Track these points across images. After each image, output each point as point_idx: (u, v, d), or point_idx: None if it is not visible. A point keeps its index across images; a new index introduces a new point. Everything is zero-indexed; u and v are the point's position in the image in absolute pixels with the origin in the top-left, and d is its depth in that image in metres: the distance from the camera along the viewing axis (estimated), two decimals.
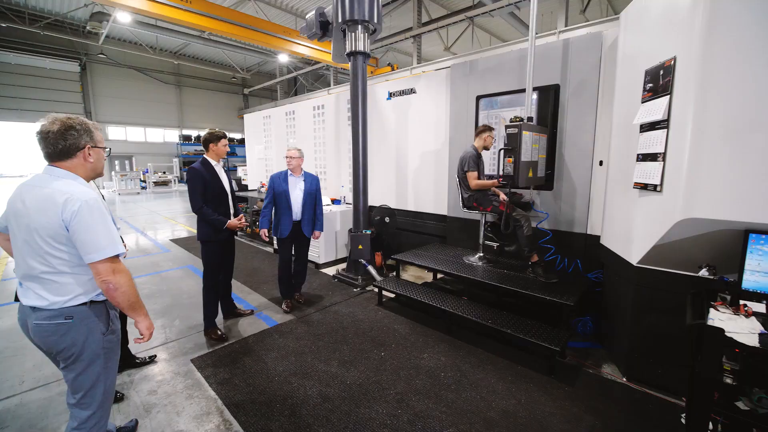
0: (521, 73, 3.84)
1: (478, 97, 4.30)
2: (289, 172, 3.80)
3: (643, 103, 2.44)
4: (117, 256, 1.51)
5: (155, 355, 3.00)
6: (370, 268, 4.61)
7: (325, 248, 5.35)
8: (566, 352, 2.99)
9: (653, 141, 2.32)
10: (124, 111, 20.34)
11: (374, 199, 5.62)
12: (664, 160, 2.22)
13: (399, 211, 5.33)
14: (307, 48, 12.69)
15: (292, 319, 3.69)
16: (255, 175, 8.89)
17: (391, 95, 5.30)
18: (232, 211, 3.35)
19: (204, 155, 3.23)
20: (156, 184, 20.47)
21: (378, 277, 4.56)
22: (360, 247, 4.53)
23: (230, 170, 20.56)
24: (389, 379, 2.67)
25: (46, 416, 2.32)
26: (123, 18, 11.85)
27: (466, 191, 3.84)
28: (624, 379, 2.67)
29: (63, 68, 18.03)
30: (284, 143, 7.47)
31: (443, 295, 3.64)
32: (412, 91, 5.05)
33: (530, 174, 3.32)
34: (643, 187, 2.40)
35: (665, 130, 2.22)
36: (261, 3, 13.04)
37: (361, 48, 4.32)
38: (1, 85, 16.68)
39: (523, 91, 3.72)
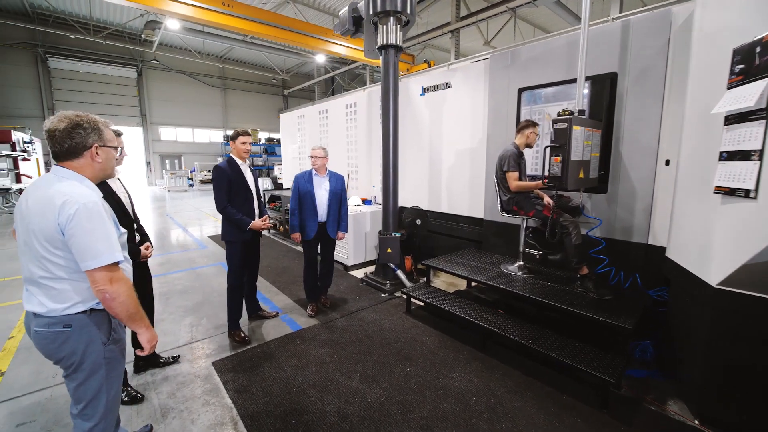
0: (570, 62, 3.43)
1: (521, 90, 3.92)
2: (314, 172, 3.67)
3: (729, 89, 2.00)
4: (116, 263, 1.41)
5: (179, 356, 2.98)
6: (400, 273, 4.38)
7: (354, 250, 5.20)
8: (622, 381, 2.58)
9: (744, 136, 1.89)
10: (175, 113, 21.67)
11: (405, 199, 5.38)
12: (760, 158, 1.79)
13: (431, 212, 5.05)
14: (343, 47, 12.70)
15: (316, 324, 3.56)
16: (290, 173, 8.98)
17: (424, 90, 5.03)
18: (257, 211, 3.28)
19: (230, 153, 3.18)
20: (202, 182, 21.59)
21: (407, 283, 4.33)
22: (389, 250, 4.32)
23: (262, 169, 21.30)
24: (414, 400, 2.44)
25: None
26: (173, 25, 12.53)
27: (505, 193, 3.49)
28: (696, 422, 2.23)
29: (122, 74, 19.53)
30: (317, 142, 7.45)
31: (477, 307, 3.34)
32: (447, 85, 4.74)
33: (581, 175, 2.92)
34: (729, 192, 1.96)
35: (763, 121, 1.78)
36: (299, 5, 13.24)
37: (392, 41, 4.10)
38: (71, 92, 18.36)
39: (572, 81, 3.31)
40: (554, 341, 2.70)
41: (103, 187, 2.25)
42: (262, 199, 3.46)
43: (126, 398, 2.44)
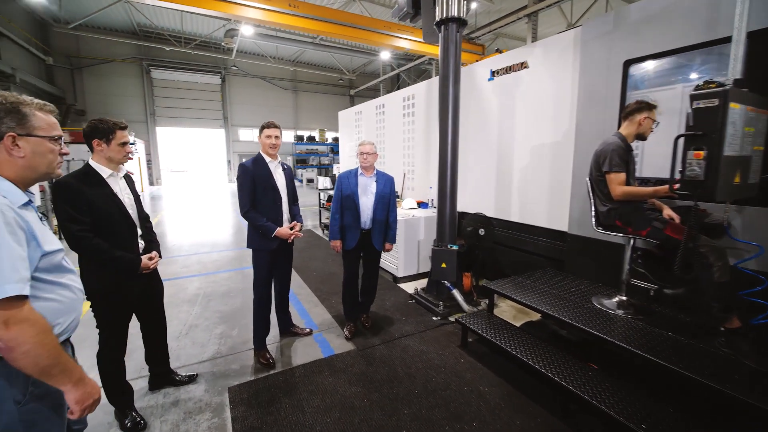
0: (712, 16, 2.38)
1: (628, 63, 2.92)
2: (360, 172, 3.14)
3: None
4: (19, 298, 1.00)
5: (196, 375, 2.68)
6: (456, 294, 3.65)
7: (405, 259, 4.58)
8: None
9: None
10: (252, 115, 23.26)
11: (466, 205, 4.61)
12: None
13: (498, 221, 4.21)
14: (407, 41, 12.14)
15: (352, 350, 3.03)
16: None
17: (493, 74, 4.20)
18: (286, 216, 2.85)
19: (260, 151, 2.79)
20: None
21: (465, 307, 3.59)
22: (443, 265, 3.62)
23: (328, 168, 21.68)
24: None
25: None
26: (247, 31, 13.21)
27: (604, 201, 2.57)
28: None
29: (209, 81, 21.48)
30: (375, 139, 6.98)
31: (557, 354, 2.49)
32: (522, 66, 3.86)
33: (737, 179, 1.92)
34: None
35: None
36: (365, 2, 13.03)
37: (453, 12, 3.39)
38: (168, 98, 20.73)
39: (716, 43, 2.28)
40: (684, 429, 1.78)
41: (102, 187, 1.97)
42: (297, 203, 3.04)
43: (128, 423, 2.16)
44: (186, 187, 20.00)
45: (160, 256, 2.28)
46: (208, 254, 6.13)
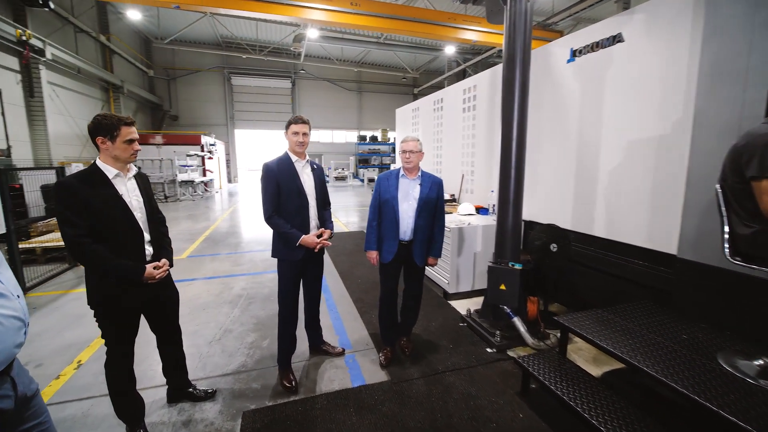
0: None
1: None
2: (402, 173, 2.69)
3: None
4: None
5: (215, 391, 2.48)
6: (517, 322, 3.00)
7: (458, 273, 4.01)
8: None
9: None
10: (318, 117, 24.13)
11: (535, 213, 3.88)
12: None
13: (576, 235, 3.41)
14: (473, 32, 11.32)
15: (385, 382, 2.59)
16: None
17: (574, 54, 3.41)
18: (314, 222, 2.52)
19: (287, 150, 2.50)
20: (336, 179, 23.49)
21: (529, 340, 2.93)
22: (502, 287, 2.99)
23: (388, 168, 21.48)
24: None
25: None
26: (312, 34, 13.56)
27: (747, 220, 1.75)
28: None
29: (280, 86, 22.78)
30: (431, 136, 6.45)
31: (655, 429, 1.76)
32: (615, 39, 3.04)
33: None
34: None
35: None
36: None
37: None
38: (245, 103, 22.44)
39: None
40: None
41: (106, 189, 1.81)
42: (328, 207, 2.70)
43: None
44: (258, 184, 21.41)
45: (171, 264, 2.08)
46: (260, 252, 6.19)
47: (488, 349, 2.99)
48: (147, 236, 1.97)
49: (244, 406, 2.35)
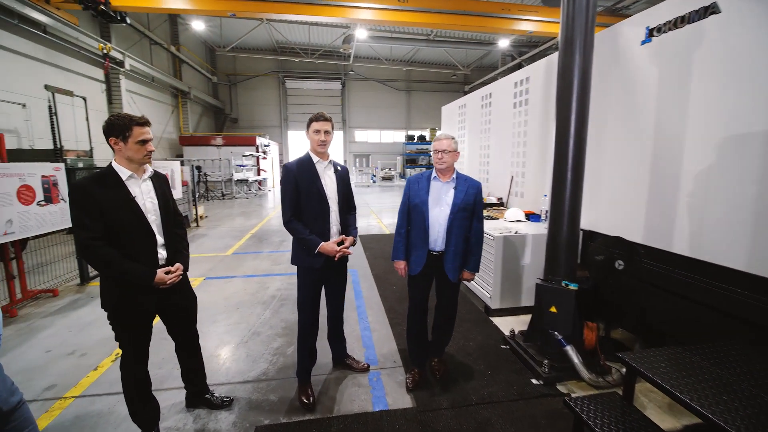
0: None
1: None
2: (434, 175, 2.39)
3: None
4: None
5: (232, 400, 2.39)
6: (571, 352, 2.55)
7: (502, 286, 3.59)
8: None
9: None
10: (366, 117, 24.36)
11: (598, 221, 3.33)
12: None
13: (649, 250, 2.83)
14: (529, 22, 10.52)
15: (409, 409, 2.31)
16: None
17: (651, 33, 2.83)
18: (335, 228, 2.32)
19: (308, 150, 2.33)
20: (383, 178, 23.52)
21: (584, 374, 2.47)
22: (553, 310, 2.56)
23: None
24: None
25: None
26: (361, 34, 13.57)
27: None
28: None
29: (331, 87, 23.34)
30: (478, 135, 6.00)
31: None
32: (707, 11, 2.44)
33: None
34: None
35: None
36: None
37: None
38: (297, 105, 23.33)
39: None
40: None
41: (119, 190, 1.76)
42: (353, 212, 2.49)
43: None
44: None
45: (185, 269, 2.01)
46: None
47: (533, 380, 2.58)
48: (160, 239, 1.90)
49: (257, 420, 2.23)
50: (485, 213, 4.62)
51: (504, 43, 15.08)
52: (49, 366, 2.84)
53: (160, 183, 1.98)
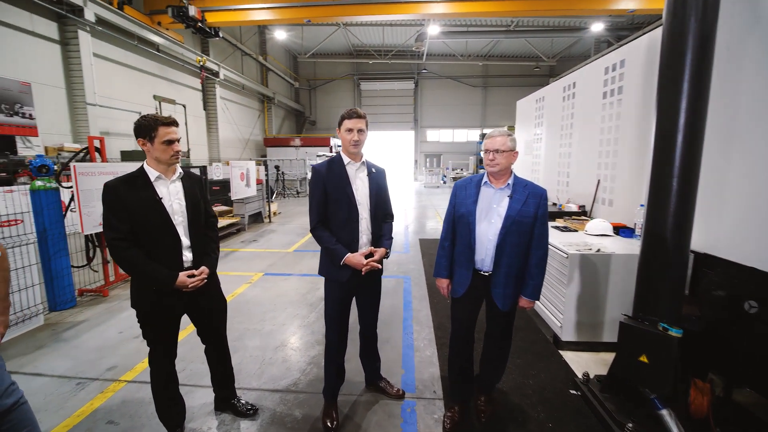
0: None
1: None
2: (485, 180, 1.99)
3: None
4: None
5: (257, 410, 2.29)
6: (668, 418, 1.89)
7: (578, 314, 2.95)
8: None
9: None
10: (439, 116, 23.79)
11: (717, 243, 2.50)
12: None
13: None
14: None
15: None
16: (522, 174, 7.08)
17: None
18: (365, 238, 2.06)
19: (340, 150, 2.10)
20: (453, 179, 22.70)
21: None
22: (643, 359, 1.94)
23: None
24: None
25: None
26: (433, 30, 13.14)
27: None
28: None
29: (404, 87, 23.30)
30: (559, 131, 5.22)
31: None
32: None
33: None
34: None
35: None
36: None
37: None
38: (371, 106, 23.79)
39: None
40: None
41: (147, 191, 1.74)
42: (389, 220, 2.21)
43: None
44: None
45: (212, 272, 1.94)
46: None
47: None
48: (186, 241, 1.86)
49: None
50: (561, 223, 3.93)
51: (597, 27, 13.20)
52: (117, 347, 3.11)
53: (191, 184, 1.95)
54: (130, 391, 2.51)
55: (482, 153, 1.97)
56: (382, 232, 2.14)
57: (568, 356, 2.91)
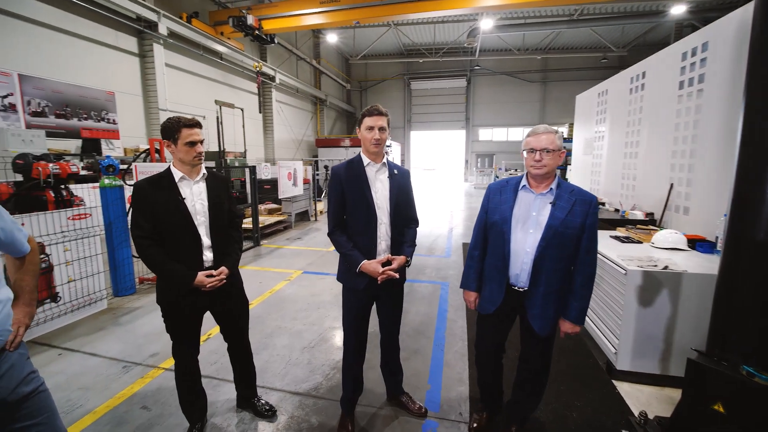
0: None
1: None
2: (524, 183, 1.76)
3: None
4: None
5: (275, 411, 2.28)
6: None
7: (636, 340, 2.54)
8: None
9: None
10: (492, 114, 22.79)
11: None
12: None
13: None
14: None
15: None
16: (579, 176, 6.45)
17: None
18: (383, 244, 1.93)
19: (360, 151, 1.99)
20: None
21: None
22: (718, 408, 1.57)
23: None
24: None
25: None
26: (486, 25, 12.54)
27: None
28: None
29: (455, 85, 22.68)
30: (624, 128, 4.63)
31: None
32: None
33: None
34: None
35: None
36: None
37: None
38: (421, 105, 23.57)
39: None
40: None
41: (171, 192, 1.79)
42: (413, 226, 2.06)
43: None
44: (427, 184, 22.06)
45: (231, 273, 1.95)
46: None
47: None
48: (207, 241, 1.89)
49: None
50: (622, 232, 3.46)
51: (678, 10, 11.62)
52: (161, 334, 3.27)
53: (215, 184, 1.97)
54: (166, 378, 2.65)
55: (524, 152, 1.74)
56: (404, 239, 2.00)
57: (624, 388, 2.52)
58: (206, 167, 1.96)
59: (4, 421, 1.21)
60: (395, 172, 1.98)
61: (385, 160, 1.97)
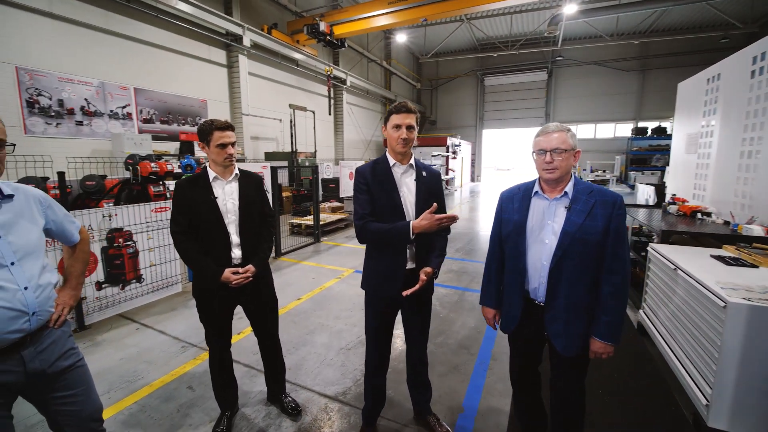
0: None
1: None
2: (536, 189, 1.52)
3: None
4: None
5: (301, 411, 2.29)
6: None
7: (739, 392, 1.95)
8: None
9: None
10: (577, 109, 20.61)
11: None
12: None
13: None
14: None
15: None
16: (682, 178, 5.40)
17: None
18: (410, 252, 1.78)
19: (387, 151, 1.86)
20: (592, 182, 19.37)
21: None
22: None
23: (662, 170, 15.12)
24: None
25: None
26: (570, 10, 11.30)
27: None
28: None
29: (534, 79, 21.00)
30: (741, 121, 3.72)
31: None
32: None
33: None
34: None
35: None
36: None
37: None
38: (495, 102, 22.36)
39: None
40: None
41: (205, 191, 1.89)
42: (444, 233, 1.87)
43: (216, 429, 2.10)
44: (498, 185, 20.93)
45: (258, 271, 1.98)
46: (451, 260, 5.75)
47: None
48: (236, 239, 1.95)
49: None
50: (731, 251, 2.78)
51: None
52: None
53: (248, 184, 2.04)
54: None
55: (533, 154, 1.49)
56: (432, 247, 1.82)
57: None
58: (239, 168, 2.04)
59: (45, 390, 1.37)
60: (423, 174, 1.82)
61: (412, 161, 1.82)
